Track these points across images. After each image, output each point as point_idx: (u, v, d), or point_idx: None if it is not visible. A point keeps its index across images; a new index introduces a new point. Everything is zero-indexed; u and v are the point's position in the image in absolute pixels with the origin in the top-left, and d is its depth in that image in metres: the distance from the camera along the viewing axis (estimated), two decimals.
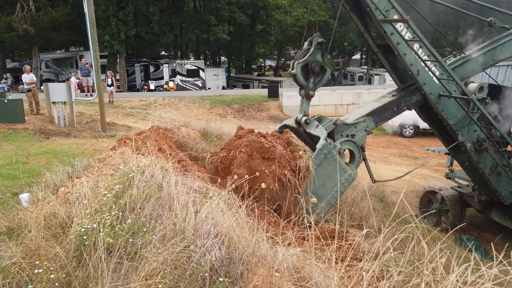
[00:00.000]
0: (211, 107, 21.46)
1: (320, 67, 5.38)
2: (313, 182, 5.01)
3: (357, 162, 5.69)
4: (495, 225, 8.29)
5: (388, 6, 5.30)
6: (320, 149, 5.12)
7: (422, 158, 14.95)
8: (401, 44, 5.51)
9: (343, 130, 5.61)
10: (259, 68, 60.05)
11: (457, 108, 6.15)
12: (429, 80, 5.86)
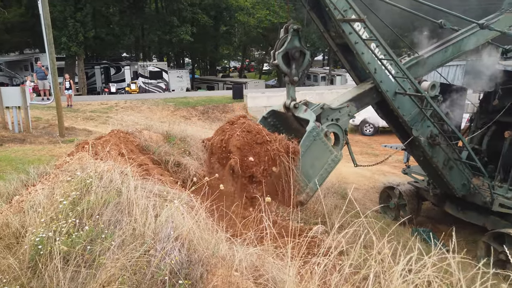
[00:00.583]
0: (175, 109, 21.20)
1: (299, 52, 5.58)
2: (304, 163, 5.24)
3: (341, 144, 5.92)
4: (448, 217, 8.75)
5: (346, 6, 5.52)
6: (310, 131, 5.31)
7: (382, 155, 15.49)
8: (359, 44, 5.73)
9: (329, 114, 5.85)
10: (224, 69, 59.96)
11: (411, 105, 6.45)
12: (385, 78, 6.11)
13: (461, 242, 8.09)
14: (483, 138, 8.34)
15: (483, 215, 7.65)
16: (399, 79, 6.06)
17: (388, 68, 5.97)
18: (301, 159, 5.20)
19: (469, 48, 7.08)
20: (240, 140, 5.03)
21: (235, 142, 5.06)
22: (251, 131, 5.15)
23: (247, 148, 4.99)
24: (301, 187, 5.28)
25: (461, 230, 8.67)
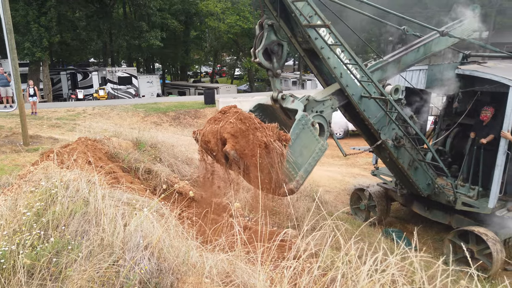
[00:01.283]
0: (146, 115, 20.87)
1: (277, 45, 5.61)
2: (294, 151, 5.31)
3: (326, 135, 5.97)
4: (416, 216, 9.03)
5: (312, 12, 5.53)
6: (300, 119, 5.35)
7: (352, 158, 15.82)
8: (324, 49, 5.79)
9: (313, 106, 5.98)
10: (195, 74, 59.58)
11: (377, 108, 6.60)
12: (351, 82, 6.21)
13: (428, 240, 8.41)
14: (447, 139, 8.68)
15: (448, 214, 7.93)
16: (364, 83, 6.20)
17: (354, 73, 6.12)
18: (291, 147, 5.24)
19: (439, 48, 7.41)
20: (234, 127, 5.01)
21: (229, 129, 5.01)
22: (243, 119, 5.16)
23: (240, 135, 5.01)
24: (292, 175, 5.35)
25: (429, 229, 8.97)
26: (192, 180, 8.38)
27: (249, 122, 5.17)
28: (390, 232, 8.01)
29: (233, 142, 4.93)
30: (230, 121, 5.09)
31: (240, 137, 5.00)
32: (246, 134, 5.03)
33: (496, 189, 7.11)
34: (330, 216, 9.37)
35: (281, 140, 5.12)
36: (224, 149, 5.08)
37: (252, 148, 4.95)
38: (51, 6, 24.58)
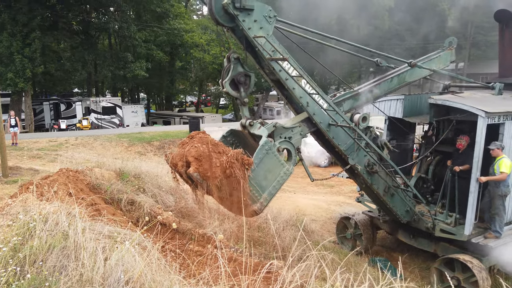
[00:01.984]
0: (130, 145, 20.67)
1: (244, 76, 5.98)
2: (258, 174, 5.59)
3: (293, 160, 6.25)
4: (402, 245, 9.01)
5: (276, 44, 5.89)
6: (263, 145, 5.62)
7: (337, 186, 15.89)
8: (289, 80, 6.10)
9: (282, 132, 6.26)
10: (180, 104, 59.80)
11: (346, 136, 6.80)
12: (318, 111, 6.45)
13: (415, 269, 8.37)
14: (429, 167, 8.83)
15: (433, 242, 7.95)
16: (331, 112, 6.50)
17: (320, 102, 6.43)
18: (254, 170, 5.51)
19: (413, 78, 7.76)
20: (198, 151, 5.29)
21: (193, 152, 5.30)
22: (208, 143, 5.48)
23: (204, 159, 5.30)
24: (256, 197, 5.61)
25: (415, 258, 8.95)
26: (176, 210, 8.24)
27: (213, 146, 5.51)
28: (377, 261, 7.97)
29: (197, 165, 5.23)
30: (195, 145, 5.40)
31: (204, 161, 5.28)
32: (209, 157, 5.30)
33: (471, 216, 7.21)
34: (317, 246, 9.28)
35: (244, 164, 5.40)
36: (188, 171, 5.34)
37: (215, 171, 5.24)
38: (36, 38, 24.65)
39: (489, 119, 7.03)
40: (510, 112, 7.27)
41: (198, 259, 3.89)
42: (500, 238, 7.30)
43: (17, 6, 24.57)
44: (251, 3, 5.49)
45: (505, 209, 7.30)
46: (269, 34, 5.76)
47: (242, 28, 5.61)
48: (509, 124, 7.31)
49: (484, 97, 8.11)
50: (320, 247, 8.93)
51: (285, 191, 15.03)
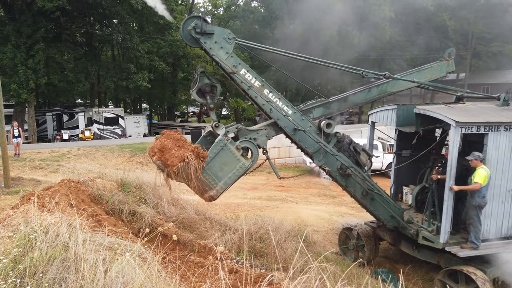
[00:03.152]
0: (132, 155, 20.70)
1: (210, 86, 6.89)
2: (214, 166, 6.62)
3: (254, 157, 7.02)
4: (405, 256, 8.93)
5: (236, 62, 6.79)
6: (217, 142, 6.66)
7: (339, 196, 15.83)
8: (250, 90, 6.84)
9: (246, 134, 7.14)
10: (182, 114, 59.97)
11: (312, 140, 7.34)
12: (281, 116, 7.11)
13: (418, 281, 8.28)
14: (428, 175, 8.83)
15: (436, 253, 7.87)
16: (299, 118, 7.20)
17: (285, 109, 7.12)
18: (209, 163, 6.54)
19: (397, 89, 8.04)
20: (161, 144, 6.55)
21: (158, 145, 6.55)
22: (171, 139, 6.67)
23: (166, 150, 6.49)
24: (212, 185, 6.67)
25: (418, 269, 8.86)
26: (177, 221, 8.21)
27: (175, 141, 6.68)
28: (379, 272, 7.89)
29: (159, 155, 6.48)
30: (161, 140, 6.68)
31: (165, 152, 6.48)
32: (170, 149, 6.50)
33: (445, 224, 7.32)
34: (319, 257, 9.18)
35: (199, 156, 6.49)
36: (152, 159, 6.57)
37: (173, 160, 6.34)
38: (39, 49, 24.89)
39: (463, 129, 7.18)
40: (491, 123, 7.27)
41: (199, 271, 3.86)
42: (477, 249, 7.30)
43: (22, 18, 24.88)
44: (211, 28, 6.55)
45: (480, 220, 7.32)
46: (229, 52, 6.67)
47: (204, 48, 6.65)
48: (494, 135, 7.31)
49: (480, 107, 8.10)
50: (322, 259, 8.86)
51: (287, 201, 15.00)
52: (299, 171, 21.79)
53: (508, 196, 7.53)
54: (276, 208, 13.87)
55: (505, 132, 7.35)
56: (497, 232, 7.64)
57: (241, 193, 16.35)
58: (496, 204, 7.56)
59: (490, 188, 7.39)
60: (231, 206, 13.88)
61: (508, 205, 7.56)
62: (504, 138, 7.37)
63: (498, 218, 7.59)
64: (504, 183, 7.50)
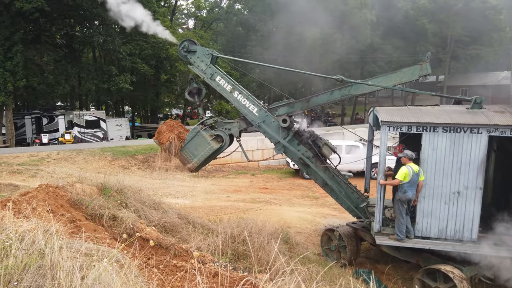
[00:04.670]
0: (113, 159, 20.43)
1: (197, 89, 9.23)
2: (190, 146, 8.87)
3: (225, 142, 8.88)
4: (386, 256, 9.07)
5: (213, 71, 8.91)
6: (193, 129, 8.94)
7: (322, 198, 15.97)
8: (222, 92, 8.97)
9: (222, 125, 9.08)
10: (165, 117, 59.47)
11: (274, 132, 8.87)
12: (247, 113, 8.93)
13: (398, 280, 8.41)
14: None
15: (416, 253, 8.02)
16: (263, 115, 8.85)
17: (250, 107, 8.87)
18: (187, 144, 8.88)
19: (360, 92, 8.64)
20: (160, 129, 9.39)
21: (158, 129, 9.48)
22: (167, 125, 9.44)
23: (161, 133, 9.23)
24: (190, 159, 8.92)
25: (399, 269, 9.01)
26: (159, 225, 8.16)
27: (169, 126, 9.31)
28: (361, 273, 7.99)
29: (157, 135, 9.33)
30: (161, 126, 9.50)
31: (161, 134, 9.20)
32: (163, 132, 9.17)
33: (377, 215, 7.99)
34: (302, 259, 9.20)
35: (180, 139, 8.94)
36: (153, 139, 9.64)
37: (163, 140, 9.06)
38: (18, 51, 24.34)
39: (390, 128, 7.64)
40: (423, 123, 7.49)
41: (180, 275, 3.85)
42: (401, 241, 7.75)
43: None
44: (194, 48, 8.86)
45: (403, 214, 7.73)
46: (207, 64, 8.87)
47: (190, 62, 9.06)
48: (429, 136, 7.50)
49: (438, 110, 8.21)
50: (304, 260, 8.90)
51: (271, 203, 15.04)
52: (283, 173, 21.90)
53: (453, 197, 7.54)
54: (259, 210, 13.89)
55: (443, 133, 7.44)
56: (441, 232, 7.71)
57: (224, 195, 16.34)
58: (438, 204, 7.64)
59: (430, 188, 7.62)
60: (215, 209, 13.85)
61: (453, 207, 7.57)
62: (442, 139, 7.46)
63: (441, 219, 7.66)
64: (446, 184, 7.54)
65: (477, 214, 7.41)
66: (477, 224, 7.45)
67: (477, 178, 7.32)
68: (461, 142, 7.35)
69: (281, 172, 22.16)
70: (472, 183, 7.37)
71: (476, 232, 7.48)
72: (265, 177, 20.77)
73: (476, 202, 7.38)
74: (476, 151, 7.27)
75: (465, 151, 7.36)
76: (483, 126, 7.19)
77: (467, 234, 7.51)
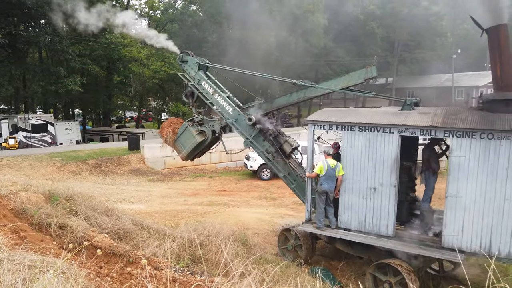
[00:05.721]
0: (62, 164, 19.49)
1: (191, 93, 10.83)
2: (181, 139, 10.64)
3: (208, 136, 10.45)
4: (340, 253, 9.35)
5: (200, 77, 10.53)
6: (183, 125, 10.70)
7: (279, 198, 16.18)
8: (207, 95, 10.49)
9: (207, 122, 10.65)
10: (119, 119, 57.60)
11: (244, 129, 10.00)
12: (224, 112, 10.29)
13: (352, 275, 8.71)
14: None
15: (368, 249, 8.33)
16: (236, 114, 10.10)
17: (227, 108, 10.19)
18: (179, 137, 10.68)
19: (314, 94, 9.26)
20: (162, 125, 11.57)
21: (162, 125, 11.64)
22: (168, 121, 11.53)
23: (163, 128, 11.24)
24: (181, 149, 10.70)
25: (352, 265, 9.33)
26: (112, 232, 7.88)
27: (169, 123, 11.30)
28: (316, 270, 8.18)
29: (161, 129, 11.42)
30: (164, 122, 11.65)
31: (162, 129, 11.21)
32: (164, 128, 11.18)
33: (307, 205, 8.92)
34: (259, 260, 9.30)
35: (174, 133, 10.80)
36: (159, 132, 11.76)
37: (163, 133, 11.05)
38: None
39: (315, 126, 8.44)
40: (341, 122, 8.06)
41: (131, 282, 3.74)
42: (320, 229, 8.56)
43: None
44: (186, 58, 10.72)
45: (321, 204, 8.53)
46: (195, 71, 10.61)
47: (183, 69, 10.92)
48: (347, 134, 8.04)
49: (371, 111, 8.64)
50: (262, 261, 8.96)
51: (229, 205, 15.02)
52: (240, 174, 21.93)
53: (370, 193, 7.92)
54: (217, 213, 13.83)
55: (360, 132, 7.86)
56: (360, 225, 8.17)
57: (181, 199, 16.10)
58: (357, 198, 8.10)
59: (349, 183, 8.15)
60: (171, 213, 13.61)
61: (370, 202, 7.95)
62: (358, 137, 7.89)
63: (360, 213, 8.11)
64: (363, 179, 7.96)
65: (392, 211, 7.77)
66: (393, 220, 7.80)
67: (391, 176, 7.67)
68: (375, 141, 7.75)
69: (239, 174, 22.20)
70: (387, 180, 7.73)
71: (392, 227, 7.82)
72: (223, 179, 20.71)
73: (391, 199, 7.72)
74: (389, 150, 7.63)
75: (379, 149, 7.74)
76: (394, 126, 7.54)
77: (384, 229, 7.89)
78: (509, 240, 6.73)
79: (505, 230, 6.74)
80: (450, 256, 7.05)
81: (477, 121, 6.92)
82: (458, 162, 6.97)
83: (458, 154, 6.95)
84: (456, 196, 7.04)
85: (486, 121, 6.85)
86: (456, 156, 6.97)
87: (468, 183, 6.93)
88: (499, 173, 6.66)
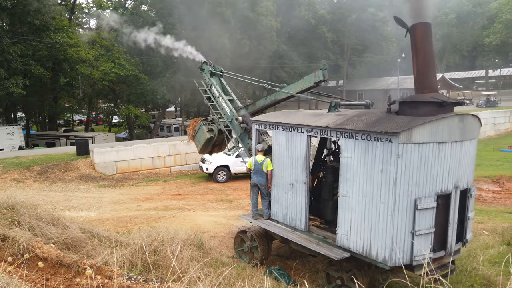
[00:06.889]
0: (4, 172, 18.27)
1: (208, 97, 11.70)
2: (197, 136, 12.01)
3: (215, 133, 11.48)
4: (295, 252, 9.55)
5: (212, 82, 11.64)
6: (198, 123, 12.02)
7: (236, 200, 16.21)
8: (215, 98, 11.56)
9: (216, 121, 11.45)
10: (67, 123, 54.80)
11: (236, 129, 10.80)
12: (224, 114, 11.16)
13: (306, 273, 8.91)
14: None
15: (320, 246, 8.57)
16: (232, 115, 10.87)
17: (226, 109, 11.04)
18: (196, 134, 12.06)
19: (281, 97, 9.57)
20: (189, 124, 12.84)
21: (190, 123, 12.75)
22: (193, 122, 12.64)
23: (189, 127, 12.55)
24: (198, 144, 12.06)
25: (306, 263, 9.55)
26: (59, 242, 7.51)
27: (193, 123, 12.48)
28: (272, 270, 8.29)
29: (187, 128, 13.03)
30: (191, 121, 12.89)
31: (189, 127, 12.57)
32: (190, 125, 12.51)
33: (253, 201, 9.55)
34: (215, 263, 9.28)
35: (194, 130, 12.19)
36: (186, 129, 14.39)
37: (189, 132, 12.44)
38: None
39: (256, 125, 9.27)
40: (269, 122, 8.83)
41: None
42: (253, 218, 9.34)
43: None
44: (204, 67, 11.85)
45: (252, 195, 9.42)
46: (208, 77, 11.73)
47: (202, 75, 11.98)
48: (275, 133, 8.66)
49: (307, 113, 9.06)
50: (218, 264, 8.93)
51: (184, 209, 14.82)
52: (196, 177, 21.71)
53: (289, 188, 8.37)
54: (172, 218, 13.61)
55: (283, 132, 8.41)
56: (284, 218, 8.64)
57: (134, 205, 15.65)
58: (281, 192, 8.62)
59: (276, 178, 8.71)
60: (124, 220, 13.20)
61: (290, 197, 8.39)
62: (282, 136, 8.45)
63: (283, 206, 8.62)
64: (285, 175, 8.45)
65: (304, 207, 8.15)
66: (305, 216, 8.17)
67: (302, 173, 8.10)
68: (292, 140, 8.24)
69: (195, 177, 21.97)
70: (300, 177, 8.13)
71: (305, 223, 8.20)
72: (178, 183, 20.39)
73: (303, 195, 8.11)
74: (301, 148, 8.05)
75: (294, 148, 8.22)
76: (303, 126, 7.96)
77: (299, 223, 8.33)
78: (384, 244, 6.53)
79: (380, 234, 6.57)
80: (338, 255, 7.11)
81: (365, 122, 6.85)
82: (346, 163, 7.03)
83: (347, 154, 7.02)
84: (345, 196, 7.11)
85: (376, 123, 6.69)
86: (345, 156, 7.04)
87: (354, 184, 6.93)
88: (375, 175, 6.56)
